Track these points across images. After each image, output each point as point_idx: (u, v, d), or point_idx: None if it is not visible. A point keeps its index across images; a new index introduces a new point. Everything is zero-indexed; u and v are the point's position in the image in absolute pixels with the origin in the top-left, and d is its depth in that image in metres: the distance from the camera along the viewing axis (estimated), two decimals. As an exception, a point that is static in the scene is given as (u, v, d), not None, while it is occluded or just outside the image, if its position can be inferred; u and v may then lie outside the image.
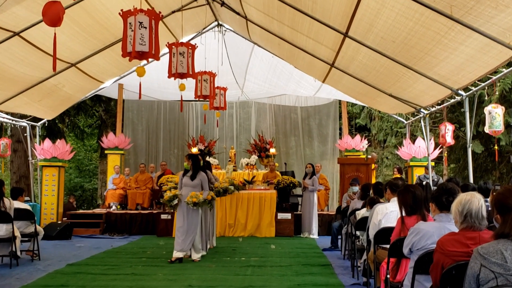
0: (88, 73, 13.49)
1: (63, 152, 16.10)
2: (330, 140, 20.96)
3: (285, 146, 21.45)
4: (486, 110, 10.20)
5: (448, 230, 4.28)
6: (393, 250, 5.25)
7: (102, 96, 21.43)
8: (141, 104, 21.16)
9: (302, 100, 21.27)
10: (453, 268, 3.73)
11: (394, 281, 5.30)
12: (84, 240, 14.07)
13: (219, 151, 19.99)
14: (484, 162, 21.41)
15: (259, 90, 19.42)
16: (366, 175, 14.65)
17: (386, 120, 24.52)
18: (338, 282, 8.16)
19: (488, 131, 10.23)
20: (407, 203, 5.34)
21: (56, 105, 14.84)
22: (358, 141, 18.29)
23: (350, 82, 13.40)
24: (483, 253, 3.15)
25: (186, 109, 21.27)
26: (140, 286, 7.72)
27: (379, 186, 8.36)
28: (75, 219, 15.68)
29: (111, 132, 19.24)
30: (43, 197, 15.95)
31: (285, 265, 9.73)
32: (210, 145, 19.18)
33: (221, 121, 20.50)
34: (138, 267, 9.39)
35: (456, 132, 17.70)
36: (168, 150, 21.47)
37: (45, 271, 8.97)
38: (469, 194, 3.85)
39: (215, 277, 8.48)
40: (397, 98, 12.88)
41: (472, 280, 3.22)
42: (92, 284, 7.87)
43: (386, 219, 6.40)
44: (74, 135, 26.25)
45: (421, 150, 16.14)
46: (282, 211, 14.96)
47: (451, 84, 10.53)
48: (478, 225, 3.80)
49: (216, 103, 13.46)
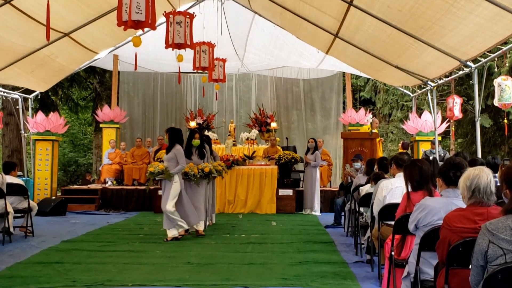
0: (82, 43, 13.41)
1: (56, 125, 16.09)
2: (333, 114, 20.92)
3: (286, 120, 21.42)
4: (496, 82, 10.16)
5: (455, 205, 4.29)
6: (398, 226, 5.26)
7: (97, 68, 21.35)
8: (137, 76, 21.08)
9: (304, 73, 21.19)
10: (460, 244, 3.74)
11: (399, 258, 5.32)
12: (79, 216, 14.13)
13: (218, 125, 19.97)
14: (492, 137, 21.42)
15: (259, 62, 19.33)
16: (371, 150, 14.63)
17: (391, 93, 24.47)
18: (340, 259, 8.20)
19: (497, 104, 10.20)
20: (414, 178, 5.34)
21: (49, 76, 14.79)
22: (363, 115, 18.26)
23: (354, 54, 13.34)
24: (492, 229, 3.16)
25: (184, 82, 21.20)
26: (137, 263, 7.76)
27: (384, 161, 8.36)
28: (70, 195, 15.73)
29: (106, 105, 19.22)
30: (36, 172, 15.97)
31: (286, 242, 9.78)
32: (209, 119, 19.16)
33: (220, 94, 20.44)
34: (135, 244, 9.44)
35: (464, 106, 17.67)
36: (166, 124, 21.40)
37: (39, 248, 9.01)
38: (477, 169, 3.83)
39: (214, 254, 8.53)
40: (403, 70, 12.84)
41: (480, 257, 3.23)
42: (87, 261, 7.91)
43: (391, 195, 6.41)
44: (67, 108, 26.20)
45: (428, 124, 16.12)
46: (283, 187, 15.00)
47: (460, 55, 10.48)
48: (487, 200, 3.80)
49: (215, 75, 13.41)
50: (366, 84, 25.46)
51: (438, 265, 4.13)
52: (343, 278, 6.85)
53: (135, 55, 9.22)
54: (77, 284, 6.45)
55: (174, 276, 6.88)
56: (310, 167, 14.51)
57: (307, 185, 14.64)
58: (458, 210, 3.97)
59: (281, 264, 7.79)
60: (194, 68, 12.05)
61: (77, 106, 25.79)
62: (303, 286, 6.44)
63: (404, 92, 18.48)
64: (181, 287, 6.34)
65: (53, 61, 13.62)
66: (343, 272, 7.25)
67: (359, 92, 26.51)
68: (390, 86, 22.10)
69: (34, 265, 7.62)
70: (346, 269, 7.48)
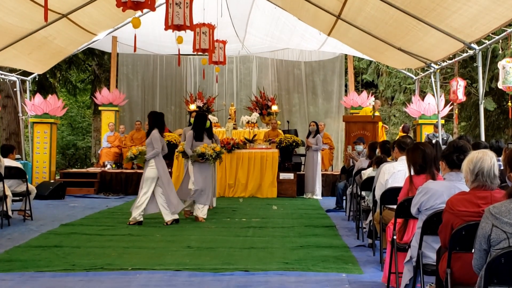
0: (80, 24, 13.36)
1: (55, 108, 16.08)
2: (335, 97, 20.88)
3: (287, 104, 21.40)
4: (500, 65, 10.14)
5: (459, 189, 4.30)
6: (401, 210, 5.28)
7: (95, 50, 21.27)
8: (136, 58, 21.02)
9: (306, 55, 21.12)
10: (463, 228, 3.75)
11: (401, 242, 5.34)
12: (78, 200, 14.17)
13: (219, 108, 19.95)
14: (496, 120, 21.43)
15: (260, 44, 19.27)
16: (373, 133, 14.64)
17: (394, 75, 24.42)
18: (342, 243, 8.23)
19: (502, 87, 10.19)
20: (416, 162, 5.34)
21: (47, 58, 14.75)
22: (365, 98, 18.24)
23: (357, 35, 13.29)
24: (495, 213, 3.17)
25: (183, 64, 21.14)
26: (137, 247, 7.79)
27: (387, 145, 8.37)
28: (69, 178, 15.76)
29: (105, 87, 19.20)
30: (34, 155, 15.99)
31: (287, 226, 9.81)
32: (209, 102, 19.14)
33: (221, 77, 20.39)
34: (135, 228, 9.46)
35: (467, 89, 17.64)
36: (165, 107, 21.41)
37: (38, 232, 9.04)
38: (481, 152, 3.83)
39: (214, 238, 8.55)
40: (407, 52, 12.80)
41: (483, 240, 3.24)
42: (87, 245, 7.94)
43: (393, 179, 6.42)
44: (66, 91, 26.17)
45: (431, 107, 16.11)
46: (284, 171, 15.01)
47: (464, 37, 10.44)
48: (490, 184, 3.80)
49: (215, 57, 13.38)
50: (368, 66, 25.40)
51: (440, 249, 4.14)
52: (345, 262, 6.87)
53: (134, 36, 9.21)
54: (76, 268, 6.48)
55: (174, 260, 6.91)
56: (312, 150, 14.51)
57: (308, 169, 14.66)
58: (461, 194, 3.98)
59: (282, 248, 7.82)
60: (194, 50, 12.02)
61: (76, 89, 25.74)
62: (304, 270, 6.47)
63: (407, 74, 18.44)
64: (181, 271, 6.37)
65: (51, 42, 13.58)
66: (344, 256, 7.28)
67: (362, 74, 26.46)
68: (393, 68, 22.06)
69: (33, 248, 7.65)
70: (348, 253, 7.51)
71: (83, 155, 29.63)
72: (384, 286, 5.75)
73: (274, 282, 5.96)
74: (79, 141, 29.98)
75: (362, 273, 6.40)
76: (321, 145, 14.69)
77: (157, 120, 10.10)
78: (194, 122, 10.80)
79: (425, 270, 4.50)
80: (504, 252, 3.07)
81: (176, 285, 5.82)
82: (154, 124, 10.04)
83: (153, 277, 6.12)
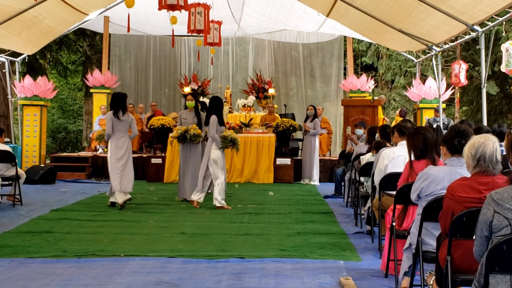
0: (71, 3, 13.28)
1: (45, 90, 16.02)
2: (334, 80, 20.85)
3: (285, 87, 21.37)
4: (503, 47, 10.12)
5: (460, 175, 4.30)
6: (400, 196, 5.29)
7: (87, 30, 21.16)
8: (129, 39, 20.93)
9: (304, 36, 21.06)
10: (464, 215, 3.76)
11: (400, 229, 5.36)
12: (69, 184, 14.17)
13: (214, 91, 19.88)
14: (499, 105, 21.44)
15: (257, 25, 19.20)
16: (372, 117, 14.64)
17: (394, 58, 24.37)
18: (340, 230, 8.26)
19: (505, 70, 10.18)
20: (417, 146, 5.34)
21: (37, 38, 14.68)
22: (364, 81, 18.20)
23: (356, 16, 13.25)
24: (497, 199, 3.17)
25: (178, 45, 21.07)
26: (129, 233, 7.80)
27: (386, 129, 8.36)
28: (59, 163, 15.75)
29: (96, 69, 19.11)
30: (24, 139, 15.96)
31: (284, 212, 9.83)
32: (204, 85, 19.09)
33: (216, 59, 20.33)
34: (128, 214, 9.47)
35: (469, 72, 17.64)
36: (159, 89, 21.37)
37: (28, 217, 9.05)
38: (483, 137, 3.83)
39: (209, 224, 8.57)
40: (407, 34, 12.77)
41: (485, 227, 3.25)
42: (78, 231, 7.95)
43: (393, 164, 6.43)
44: (56, 72, 26.07)
45: (432, 91, 16.09)
46: (281, 156, 15.02)
47: (466, 19, 10.42)
48: (492, 169, 3.81)
49: (210, 38, 13.34)
50: (368, 49, 25.33)
51: (440, 236, 4.16)
52: (342, 249, 6.90)
53: (127, 16, 9.16)
54: (67, 254, 6.49)
55: (168, 247, 6.93)
56: (309, 135, 14.50)
57: (306, 154, 14.66)
58: (462, 179, 3.98)
59: (279, 235, 7.84)
60: (188, 31, 11.97)
61: (66, 70, 25.65)
62: (301, 257, 6.49)
63: (408, 57, 18.41)
64: (175, 257, 6.38)
65: (41, 22, 13.50)
66: (342, 243, 7.31)
67: (361, 57, 26.38)
68: (393, 51, 22.01)
69: (22, 234, 7.66)
70: (346, 240, 7.54)
71: (74, 138, 29.56)
72: (383, 273, 5.78)
73: (270, 269, 5.98)
74: (70, 124, 29.91)
75: (360, 260, 6.42)
76: (319, 130, 14.68)
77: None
78: (215, 106, 10.44)
79: (424, 258, 4.52)
80: (506, 239, 3.08)
81: (170, 272, 5.83)
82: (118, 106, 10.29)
83: (146, 263, 6.14)
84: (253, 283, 5.50)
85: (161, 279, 5.58)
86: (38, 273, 5.72)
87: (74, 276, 5.64)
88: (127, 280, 5.53)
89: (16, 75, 16.80)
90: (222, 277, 5.67)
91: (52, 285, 5.37)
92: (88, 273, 5.74)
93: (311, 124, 14.50)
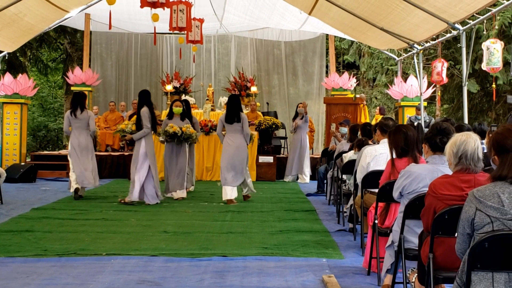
0: (52, 1, 13.16)
1: (25, 88, 15.90)
2: (316, 78, 20.88)
3: (267, 85, 21.36)
4: (484, 46, 10.18)
5: (442, 172, 4.32)
6: (382, 194, 5.31)
7: (67, 27, 21.05)
8: (110, 37, 20.81)
9: (286, 34, 21.07)
10: (446, 212, 3.79)
11: (383, 226, 5.38)
12: (50, 183, 14.08)
13: (196, 89, 19.83)
14: (479, 103, 21.60)
15: (239, 23, 19.17)
16: (354, 115, 14.68)
17: (376, 56, 24.47)
18: (322, 228, 8.28)
19: (486, 68, 10.24)
20: (398, 145, 5.36)
21: (17, 36, 14.54)
22: (346, 79, 18.25)
23: (338, 15, 13.28)
24: (479, 196, 3.18)
25: (159, 43, 20.97)
26: (111, 232, 7.77)
27: (368, 127, 8.40)
28: (40, 161, 15.64)
29: (77, 67, 18.98)
30: (4, 137, 15.82)
31: (267, 210, 9.83)
32: (186, 83, 19.02)
33: (198, 57, 20.26)
34: (109, 212, 9.43)
35: (450, 70, 17.74)
36: (140, 87, 21.08)
37: (8, 216, 8.97)
38: (464, 135, 3.85)
39: (192, 223, 8.55)
40: (389, 32, 12.82)
41: (467, 224, 3.27)
42: (59, 230, 7.90)
43: (375, 162, 6.46)
44: (37, 70, 25.89)
45: (413, 89, 16.18)
46: (264, 154, 15.00)
47: (447, 17, 10.48)
48: (474, 167, 3.83)
49: (192, 36, 13.30)
50: (350, 47, 25.40)
51: (422, 233, 4.18)
52: (325, 247, 6.92)
53: (109, 13, 9.11)
54: (48, 253, 6.45)
55: (150, 245, 6.91)
56: (300, 132, 14.30)
57: (294, 151, 14.45)
58: (444, 177, 4.01)
59: (261, 233, 7.85)
60: (170, 29, 11.93)
61: (47, 68, 25.49)
62: (284, 255, 6.50)
63: (389, 55, 18.48)
64: (157, 256, 6.36)
65: (21, 20, 13.38)
66: (325, 241, 7.33)
67: (343, 55, 26.45)
68: (375, 49, 22.10)
69: (3, 233, 7.59)
70: (328, 238, 7.56)
71: (54, 137, 29.34)
72: (365, 271, 5.80)
73: (252, 267, 5.98)
74: (50, 122, 29.67)
75: (343, 258, 6.45)
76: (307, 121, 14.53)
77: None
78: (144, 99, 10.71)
79: (407, 255, 4.55)
80: (488, 236, 3.10)
81: (152, 270, 5.81)
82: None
83: (128, 262, 6.12)
84: (235, 281, 5.50)
85: (143, 277, 5.56)
86: (19, 273, 5.67)
87: (56, 275, 5.60)
88: (109, 279, 5.51)
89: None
90: (204, 275, 5.66)
91: (33, 284, 5.33)
92: (69, 272, 5.71)
93: (301, 121, 14.37)
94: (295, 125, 14.48)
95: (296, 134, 14.58)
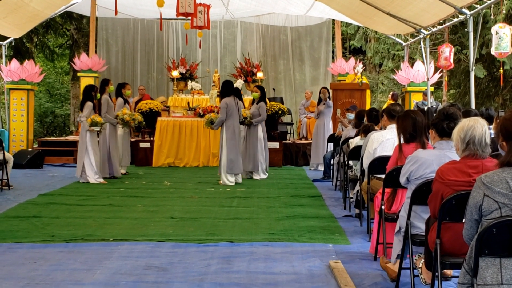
0: (58, -13, 13.17)
1: (32, 74, 15.90)
2: (322, 64, 20.82)
3: (273, 71, 21.31)
4: (493, 30, 10.11)
5: (449, 158, 4.30)
6: (389, 179, 5.29)
7: (73, 13, 21.00)
8: (116, 23, 20.77)
9: (292, 20, 20.99)
10: (454, 198, 3.77)
11: (389, 212, 5.36)
12: (57, 169, 14.09)
13: (202, 75, 19.79)
14: (486, 88, 21.49)
15: (245, 8, 19.10)
16: (360, 101, 14.61)
17: (383, 42, 24.34)
18: (329, 213, 8.27)
19: (494, 53, 10.18)
20: (407, 130, 5.32)
21: (23, 22, 14.54)
22: (352, 65, 18.17)
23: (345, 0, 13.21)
24: (487, 182, 3.17)
25: (165, 28, 20.92)
26: (118, 218, 7.77)
27: (374, 113, 8.36)
28: (47, 147, 15.67)
29: (83, 53, 18.96)
30: (11, 123, 15.85)
31: (273, 196, 9.82)
32: (192, 68, 18.98)
33: (204, 42, 20.19)
34: (116, 198, 9.44)
35: (457, 55, 17.65)
36: (146, 73, 21.25)
37: (16, 201, 8.99)
38: (472, 120, 3.83)
39: (198, 208, 8.55)
40: (396, 17, 12.76)
41: (474, 210, 3.25)
42: (66, 215, 7.91)
43: (381, 148, 6.43)
44: (43, 56, 25.88)
45: (420, 74, 16.10)
46: (270, 139, 14.94)
47: (454, 2, 10.42)
48: (481, 152, 3.81)
49: (198, 21, 13.25)
50: (356, 32, 25.27)
51: (430, 219, 4.16)
52: (331, 233, 6.91)
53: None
54: (55, 239, 6.46)
55: (157, 231, 6.91)
56: (322, 118, 14.08)
57: (319, 137, 14.04)
58: (451, 163, 3.98)
59: (268, 218, 7.84)
60: (177, 14, 11.90)
61: (53, 54, 25.46)
62: (290, 241, 6.50)
63: (396, 40, 18.40)
64: (164, 242, 6.37)
65: (28, 5, 13.37)
66: (331, 226, 7.32)
67: (349, 41, 26.33)
68: (381, 34, 21.98)
69: (10, 219, 7.62)
70: (335, 223, 7.55)
71: (61, 123, 29.40)
72: (372, 256, 5.79)
73: (259, 253, 5.98)
74: (57, 108, 29.73)
75: (349, 243, 6.44)
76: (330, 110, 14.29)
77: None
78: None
79: (413, 241, 4.53)
80: (495, 222, 3.08)
81: (159, 256, 5.82)
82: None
83: (135, 248, 6.13)
84: (242, 267, 5.50)
85: (150, 263, 5.57)
86: (26, 258, 5.69)
87: (63, 261, 5.61)
88: (116, 265, 5.52)
89: (3, 59, 16.66)
90: (211, 261, 5.67)
91: (41, 270, 5.34)
92: (76, 258, 5.72)
93: (323, 106, 14.18)
94: (318, 110, 14.31)
95: (319, 120, 14.30)
